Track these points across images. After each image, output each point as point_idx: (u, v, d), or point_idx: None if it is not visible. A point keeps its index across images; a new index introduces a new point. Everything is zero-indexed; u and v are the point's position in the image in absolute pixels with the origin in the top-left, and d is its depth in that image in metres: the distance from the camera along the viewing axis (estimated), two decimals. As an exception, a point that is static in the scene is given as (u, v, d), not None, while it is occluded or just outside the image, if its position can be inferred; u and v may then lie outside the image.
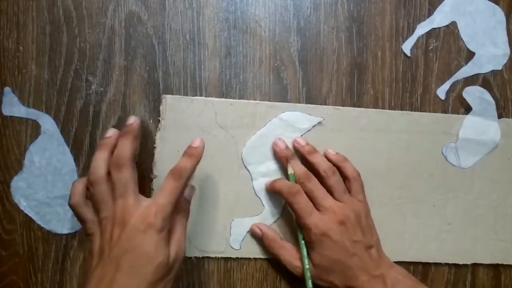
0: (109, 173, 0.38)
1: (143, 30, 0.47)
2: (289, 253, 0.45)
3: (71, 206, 0.39)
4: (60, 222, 0.46)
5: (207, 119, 0.46)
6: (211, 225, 0.46)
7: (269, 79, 0.48)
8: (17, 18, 0.46)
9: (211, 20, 0.47)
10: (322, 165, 0.44)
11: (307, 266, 0.43)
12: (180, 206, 0.40)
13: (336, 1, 0.48)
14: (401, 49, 0.49)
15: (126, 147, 0.39)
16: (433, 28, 0.49)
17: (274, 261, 0.47)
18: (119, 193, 0.37)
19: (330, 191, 0.44)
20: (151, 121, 0.47)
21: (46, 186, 0.46)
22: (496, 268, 0.49)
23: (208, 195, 0.46)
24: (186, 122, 0.46)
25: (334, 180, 0.44)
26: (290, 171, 0.44)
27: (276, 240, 0.45)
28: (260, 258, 0.47)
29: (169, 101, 0.46)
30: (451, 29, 0.49)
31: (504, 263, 0.49)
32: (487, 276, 0.49)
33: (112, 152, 0.39)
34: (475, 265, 0.49)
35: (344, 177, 0.45)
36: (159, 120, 0.46)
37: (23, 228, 0.46)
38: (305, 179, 0.44)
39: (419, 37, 0.49)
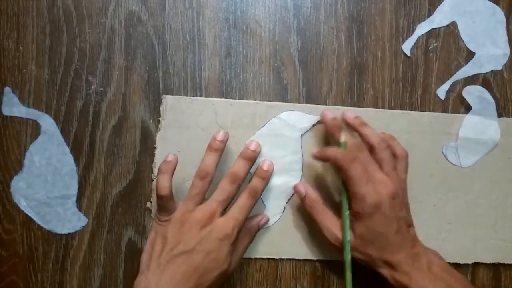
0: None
1: (143, 30, 0.47)
2: (329, 220, 0.43)
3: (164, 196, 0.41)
4: (60, 222, 0.46)
5: (207, 119, 0.46)
6: None
7: (269, 79, 0.48)
8: (17, 18, 0.46)
9: (211, 20, 0.47)
10: (376, 137, 0.43)
11: (348, 238, 0.42)
12: (248, 229, 0.44)
13: (336, 1, 0.48)
14: (401, 49, 0.49)
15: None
16: (433, 28, 0.49)
17: (274, 261, 0.47)
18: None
19: (379, 164, 0.43)
20: (151, 121, 0.47)
21: (46, 186, 0.46)
22: (496, 268, 0.49)
23: (210, 195, 0.46)
24: (186, 122, 0.46)
25: (387, 153, 0.43)
26: (343, 139, 0.43)
27: (318, 203, 0.44)
28: (261, 258, 0.47)
29: (169, 101, 0.46)
30: (451, 29, 0.49)
31: (505, 262, 0.49)
32: (487, 276, 0.49)
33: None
34: (475, 264, 0.49)
35: (393, 155, 0.44)
36: (159, 121, 0.46)
37: (23, 228, 0.46)
38: (358, 150, 0.42)
39: (419, 37, 0.49)
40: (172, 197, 0.41)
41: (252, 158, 0.42)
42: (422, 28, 0.49)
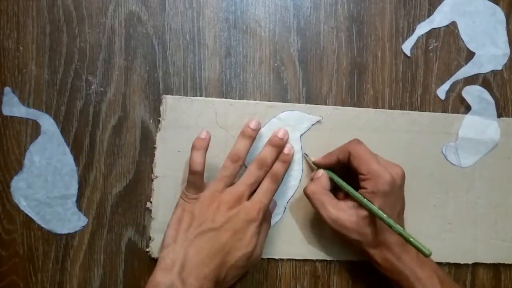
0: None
1: (143, 30, 0.47)
2: (328, 201, 0.43)
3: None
4: (60, 222, 0.46)
5: (207, 119, 0.46)
6: None
7: (269, 79, 0.48)
8: (17, 18, 0.46)
9: (211, 20, 0.47)
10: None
11: (385, 215, 0.40)
12: (266, 216, 0.44)
13: (336, 1, 0.48)
14: (401, 49, 0.49)
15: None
16: (433, 28, 0.49)
17: (274, 261, 0.47)
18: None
19: None
20: (151, 121, 0.47)
21: (46, 186, 0.46)
22: (496, 268, 0.49)
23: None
24: (186, 122, 0.46)
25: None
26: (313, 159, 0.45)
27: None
28: (261, 258, 0.47)
29: (169, 101, 0.46)
30: (451, 29, 0.49)
31: (505, 262, 0.49)
32: (487, 276, 0.49)
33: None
34: (475, 265, 0.49)
35: None
36: (159, 121, 0.46)
37: (23, 228, 0.46)
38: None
39: (419, 37, 0.49)
40: (203, 175, 0.42)
41: (280, 145, 0.44)
42: (422, 28, 0.49)
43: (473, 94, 0.49)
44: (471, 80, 0.49)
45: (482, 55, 0.49)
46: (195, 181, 0.42)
